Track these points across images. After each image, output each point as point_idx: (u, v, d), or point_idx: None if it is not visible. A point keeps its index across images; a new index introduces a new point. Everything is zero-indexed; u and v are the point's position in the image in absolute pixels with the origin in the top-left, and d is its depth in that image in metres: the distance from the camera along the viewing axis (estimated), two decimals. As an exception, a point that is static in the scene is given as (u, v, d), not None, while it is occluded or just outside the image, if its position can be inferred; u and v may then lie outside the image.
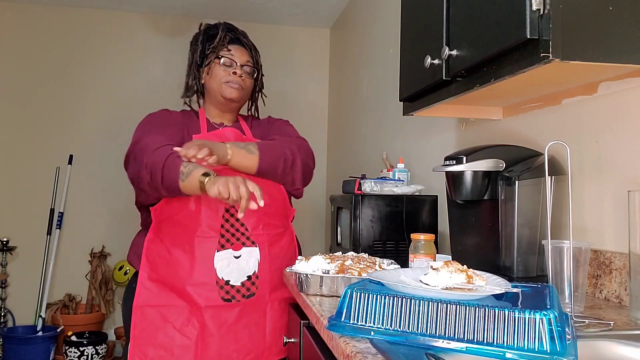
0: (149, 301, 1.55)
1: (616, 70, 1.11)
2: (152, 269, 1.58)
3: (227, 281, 1.54)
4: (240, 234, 1.57)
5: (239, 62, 1.72)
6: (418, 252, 1.26)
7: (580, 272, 1.05)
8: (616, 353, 0.84)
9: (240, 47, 1.75)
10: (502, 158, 1.27)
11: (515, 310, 0.71)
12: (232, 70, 1.71)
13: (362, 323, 0.81)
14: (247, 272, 1.56)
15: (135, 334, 1.54)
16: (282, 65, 4.01)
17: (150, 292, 1.56)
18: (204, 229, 1.54)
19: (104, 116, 3.83)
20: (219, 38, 1.72)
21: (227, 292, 1.54)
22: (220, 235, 1.54)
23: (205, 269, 1.52)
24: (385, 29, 2.84)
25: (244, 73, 1.73)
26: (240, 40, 1.76)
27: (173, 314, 1.54)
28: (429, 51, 1.29)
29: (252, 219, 1.58)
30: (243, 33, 1.80)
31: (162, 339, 1.52)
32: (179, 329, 1.52)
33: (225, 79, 1.70)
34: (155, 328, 1.53)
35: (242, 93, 1.74)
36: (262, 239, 1.59)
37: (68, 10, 3.80)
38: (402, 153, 2.47)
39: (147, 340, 1.53)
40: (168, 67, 3.89)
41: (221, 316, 1.53)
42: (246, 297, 1.56)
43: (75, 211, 3.77)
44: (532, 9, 0.90)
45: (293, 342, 1.34)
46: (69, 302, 3.63)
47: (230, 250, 1.55)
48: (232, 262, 1.54)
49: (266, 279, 1.58)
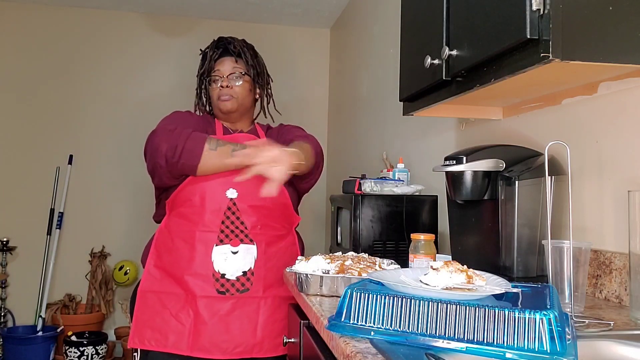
0: (152, 287, 1.66)
1: (616, 70, 1.11)
2: (157, 257, 1.68)
3: (222, 274, 1.61)
4: (239, 231, 1.63)
5: (225, 74, 1.79)
6: (418, 252, 1.26)
7: (580, 272, 1.05)
8: (616, 353, 0.84)
9: (225, 59, 1.81)
10: (502, 158, 1.27)
11: (515, 310, 0.71)
12: (220, 85, 1.79)
13: (362, 323, 0.81)
14: (242, 268, 1.63)
15: (137, 316, 1.65)
16: (282, 66, 4.00)
17: (154, 278, 1.67)
18: (205, 223, 1.62)
19: (104, 116, 3.83)
20: (208, 59, 1.83)
21: (222, 284, 1.61)
22: (220, 231, 1.62)
23: (203, 261, 1.61)
24: (385, 29, 2.84)
25: (231, 82, 1.79)
26: (227, 50, 1.82)
27: (171, 301, 1.63)
28: (429, 51, 1.29)
29: (252, 218, 1.65)
30: (233, 41, 1.85)
31: (159, 323, 1.62)
32: (175, 315, 1.61)
33: (216, 95, 1.80)
34: (154, 312, 1.63)
35: (236, 101, 1.80)
36: (260, 238, 1.66)
37: (68, 10, 3.80)
38: (402, 153, 2.47)
39: (146, 323, 1.63)
40: (168, 67, 3.89)
41: (214, 306, 1.61)
42: (240, 291, 1.62)
43: (75, 211, 3.77)
44: (532, 9, 0.90)
45: (293, 342, 1.34)
46: (69, 302, 3.63)
47: (229, 245, 1.62)
48: (229, 257, 1.62)
49: (261, 276, 1.64)
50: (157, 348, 1.61)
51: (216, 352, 1.59)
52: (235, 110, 1.81)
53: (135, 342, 1.63)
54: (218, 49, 1.84)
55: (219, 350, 1.59)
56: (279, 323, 1.66)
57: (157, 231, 1.73)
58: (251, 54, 1.85)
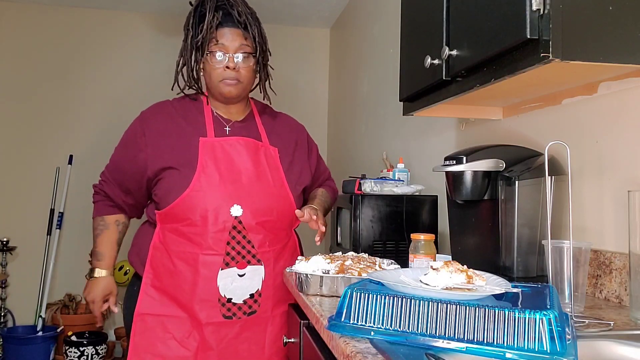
0: (151, 309, 1.54)
1: (616, 70, 1.11)
2: (155, 277, 1.56)
3: (229, 299, 1.51)
4: (246, 251, 1.52)
5: (231, 51, 1.53)
6: (418, 252, 1.26)
7: (580, 272, 1.05)
8: (616, 353, 0.84)
9: (229, 29, 1.54)
10: (502, 158, 1.27)
11: (515, 310, 0.71)
12: (225, 65, 1.53)
13: (362, 323, 0.81)
14: (250, 291, 1.53)
15: (136, 341, 1.52)
16: (282, 66, 3.99)
17: (153, 300, 1.55)
18: (209, 246, 1.50)
19: (104, 116, 3.83)
20: (206, 24, 1.53)
21: (228, 309, 1.52)
22: (226, 253, 1.50)
23: (207, 286, 1.50)
24: (385, 29, 2.84)
25: (238, 63, 1.55)
26: (231, 17, 1.55)
27: (174, 325, 1.52)
28: (429, 51, 1.29)
29: (259, 235, 1.54)
30: (237, 3, 1.57)
31: (161, 349, 1.51)
32: (179, 341, 1.51)
33: (219, 77, 1.55)
34: (156, 337, 1.52)
35: (241, 87, 1.58)
36: (268, 256, 1.56)
37: (68, 10, 3.80)
38: (402, 153, 2.47)
39: (146, 349, 1.51)
40: (168, 67, 3.87)
41: (221, 332, 1.52)
42: (247, 314, 1.54)
43: (75, 211, 3.77)
44: (532, 9, 0.90)
45: (293, 342, 1.34)
46: (69, 302, 3.63)
47: (235, 268, 1.51)
48: (236, 280, 1.51)
49: (269, 295, 1.56)
50: None
51: None
52: (238, 96, 1.59)
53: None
54: (218, 12, 1.55)
55: None
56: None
57: (151, 247, 1.57)
58: (257, 25, 1.60)
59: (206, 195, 1.49)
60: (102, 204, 1.70)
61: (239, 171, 1.55)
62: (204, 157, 1.53)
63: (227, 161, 1.55)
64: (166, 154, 1.55)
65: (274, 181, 1.59)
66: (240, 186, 1.53)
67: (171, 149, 1.55)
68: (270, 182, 1.58)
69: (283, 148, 1.67)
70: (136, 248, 1.67)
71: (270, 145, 1.65)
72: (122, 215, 1.71)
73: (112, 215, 1.69)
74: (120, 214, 1.71)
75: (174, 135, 1.57)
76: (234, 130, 1.63)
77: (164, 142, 1.57)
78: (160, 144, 1.56)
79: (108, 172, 1.69)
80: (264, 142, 1.64)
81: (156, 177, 1.56)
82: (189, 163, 1.53)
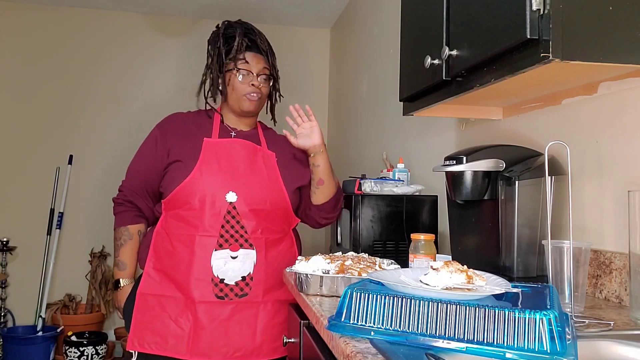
0: (151, 289, 1.65)
1: (616, 70, 1.11)
2: (157, 259, 1.67)
3: (221, 279, 1.60)
4: (239, 235, 1.62)
5: (255, 72, 1.71)
6: (418, 252, 1.26)
7: (580, 272, 1.05)
8: (616, 353, 0.84)
9: (256, 55, 1.73)
10: (502, 158, 1.27)
11: (515, 310, 0.71)
12: (250, 82, 1.70)
13: (362, 323, 0.81)
14: (242, 273, 1.62)
15: (137, 318, 1.64)
16: (282, 66, 3.98)
17: (154, 281, 1.66)
18: (205, 227, 1.61)
19: (104, 116, 3.83)
20: (236, 45, 1.71)
21: (221, 289, 1.60)
22: (220, 235, 1.61)
23: (202, 266, 1.60)
24: (385, 29, 2.84)
25: (261, 82, 1.73)
26: (257, 44, 1.75)
27: (170, 305, 1.62)
28: (429, 51, 1.29)
29: (252, 222, 1.64)
30: (260, 34, 1.78)
31: (159, 327, 1.61)
32: (174, 319, 1.61)
33: (243, 91, 1.70)
34: (154, 315, 1.62)
35: (259, 103, 1.75)
36: (260, 242, 1.65)
37: (68, 10, 3.80)
38: (402, 153, 2.47)
39: (145, 326, 1.63)
40: (168, 67, 3.89)
41: (214, 311, 1.60)
42: (239, 296, 1.62)
43: (75, 211, 3.77)
44: (532, 9, 0.90)
45: (293, 342, 1.34)
46: (69, 302, 3.63)
47: (228, 250, 1.61)
48: (229, 261, 1.61)
49: (261, 281, 1.64)
50: (157, 352, 1.60)
51: (215, 357, 1.58)
52: (255, 111, 1.76)
53: (134, 345, 1.62)
54: (246, 37, 1.74)
55: (218, 355, 1.59)
56: (278, 327, 1.66)
57: (155, 232, 1.70)
58: (272, 54, 1.79)
59: (205, 182, 1.63)
60: (127, 214, 1.77)
61: (236, 165, 1.68)
62: (207, 152, 1.67)
63: (226, 156, 1.68)
64: (175, 149, 1.70)
65: (269, 176, 1.70)
66: (236, 177, 1.65)
67: (180, 147, 1.70)
68: (265, 176, 1.70)
69: (280, 154, 1.77)
70: (144, 251, 1.74)
71: (268, 149, 1.77)
72: (143, 225, 1.80)
73: (135, 225, 1.77)
74: (142, 224, 1.79)
75: (184, 135, 1.73)
76: (238, 137, 1.76)
77: (176, 140, 1.72)
78: (173, 142, 1.72)
79: (129, 182, 1.79)
80: (263, 147, 1.77)
81: (165, 170, 1.71)
82: (193, 157, 1.66)
